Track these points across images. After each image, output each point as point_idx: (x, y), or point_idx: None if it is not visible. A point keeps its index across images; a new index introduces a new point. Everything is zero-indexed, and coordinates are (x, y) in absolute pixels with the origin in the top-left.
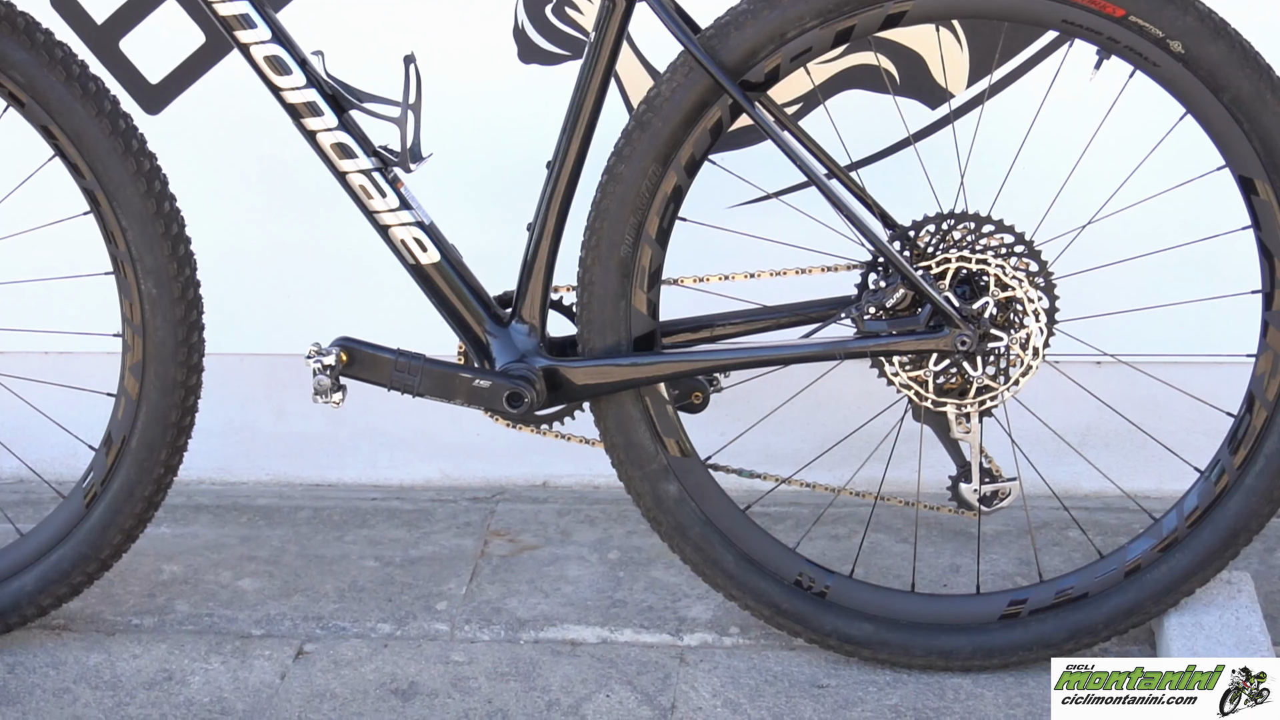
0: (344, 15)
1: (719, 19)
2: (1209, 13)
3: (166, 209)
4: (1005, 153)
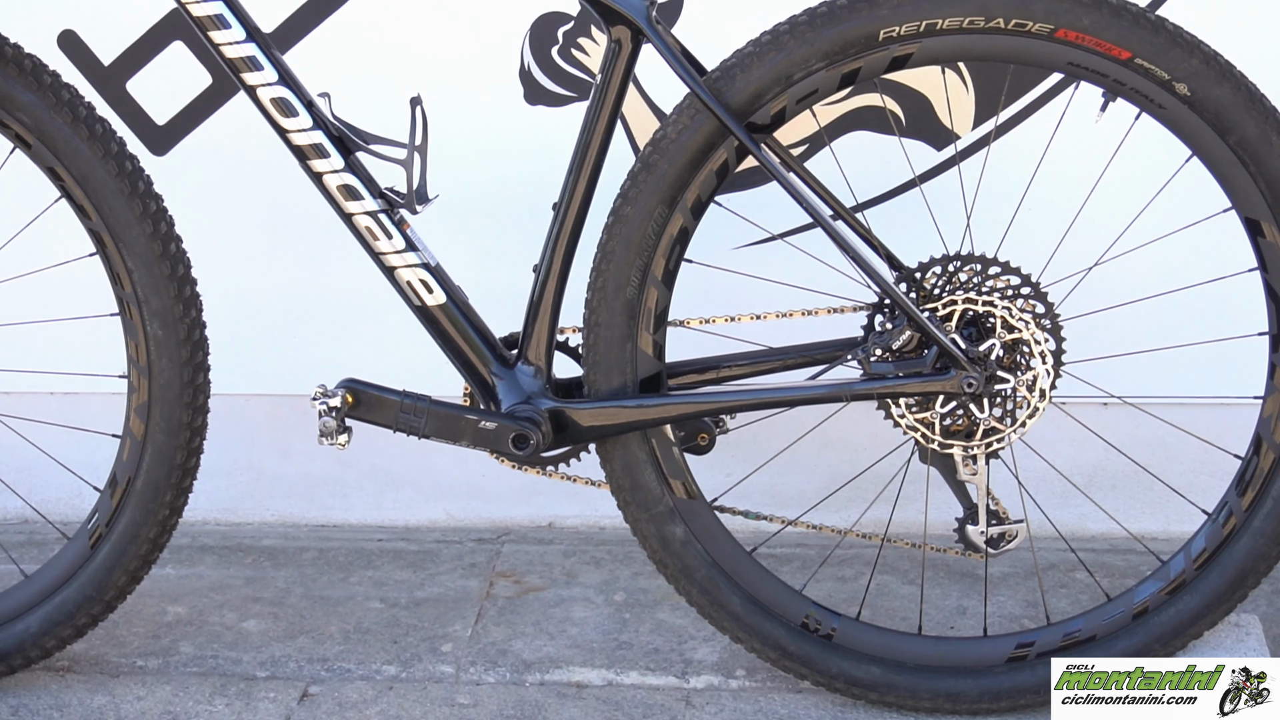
0: (350, 57)
1: (725, 61)
2: (1215, 55)
3: (173, 250)
4: (1011, 194)
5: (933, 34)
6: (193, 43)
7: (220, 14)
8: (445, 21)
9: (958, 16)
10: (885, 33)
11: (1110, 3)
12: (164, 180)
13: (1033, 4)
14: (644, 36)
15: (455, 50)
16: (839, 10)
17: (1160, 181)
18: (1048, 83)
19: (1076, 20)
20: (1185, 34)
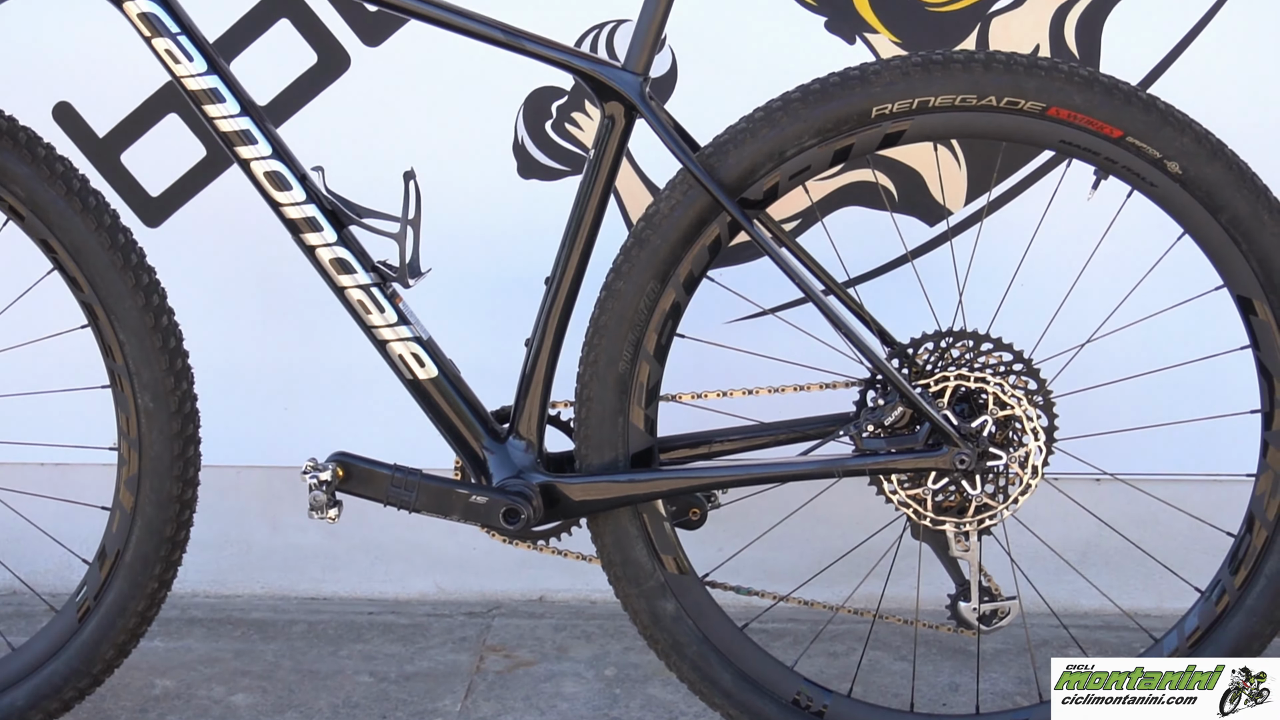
0: (345, 130)
1: (718, 137)
2: (1206, 134)
3: (164, 323)
4: (1004, 270)
5: (925, 111)
6: (187, 115)
7: (215, 88)
8: (439, 95)
9: (950, 94)
10: (878, 109)
11: (1102, 81)
12: (157, 252)
13: (1025, 82)
14: (637, 112)
15: (449, 124)
16: (831, 87)
17: (1152, 258)
18: (1040, 159)
19: (1069, 99)
20: (1176, 113)
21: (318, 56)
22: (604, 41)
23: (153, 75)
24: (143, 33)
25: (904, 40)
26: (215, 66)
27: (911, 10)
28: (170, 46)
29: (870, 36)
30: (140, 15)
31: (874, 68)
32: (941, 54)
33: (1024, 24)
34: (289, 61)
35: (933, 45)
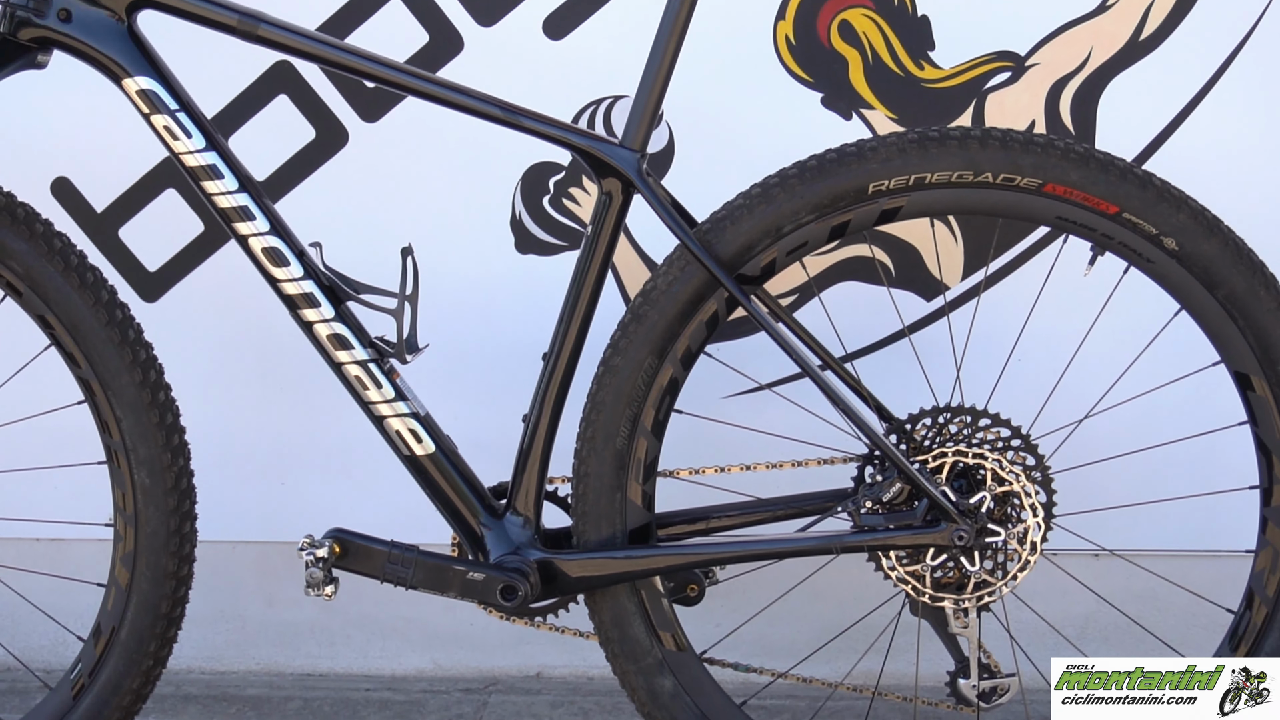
0: (342, 205)
1: (715, 213)
2: (1202, 210)
3: (161, 399)
4: (1001, 345)
5: (922, 188)
6: (186, 191)
7: (213, 164)
8: (437, 171)
9: (946, 170)
10: (875, 186)
11: (1098, 158)
12: (154, 327)
13: (1021, 159)
14: (635, 188)
15: (447, 199)
16: (828, 164)
17: (1150, 333)
18: (1036, 234)
19: (1064, 175)
20: (1172, 189)
21: (316, 132)
22: (601, 117)
23: (151, 151)
24: (141, 109)
25: (900, 116)
26: (214, 143)
27: (907, 86)
28: (169, 123)
29: (866, 112)
30: (139, 92)
31: (871, 144)
32: (938, 131)
33: (1019, 100)
34: (287, 137)
35: (929, 121)
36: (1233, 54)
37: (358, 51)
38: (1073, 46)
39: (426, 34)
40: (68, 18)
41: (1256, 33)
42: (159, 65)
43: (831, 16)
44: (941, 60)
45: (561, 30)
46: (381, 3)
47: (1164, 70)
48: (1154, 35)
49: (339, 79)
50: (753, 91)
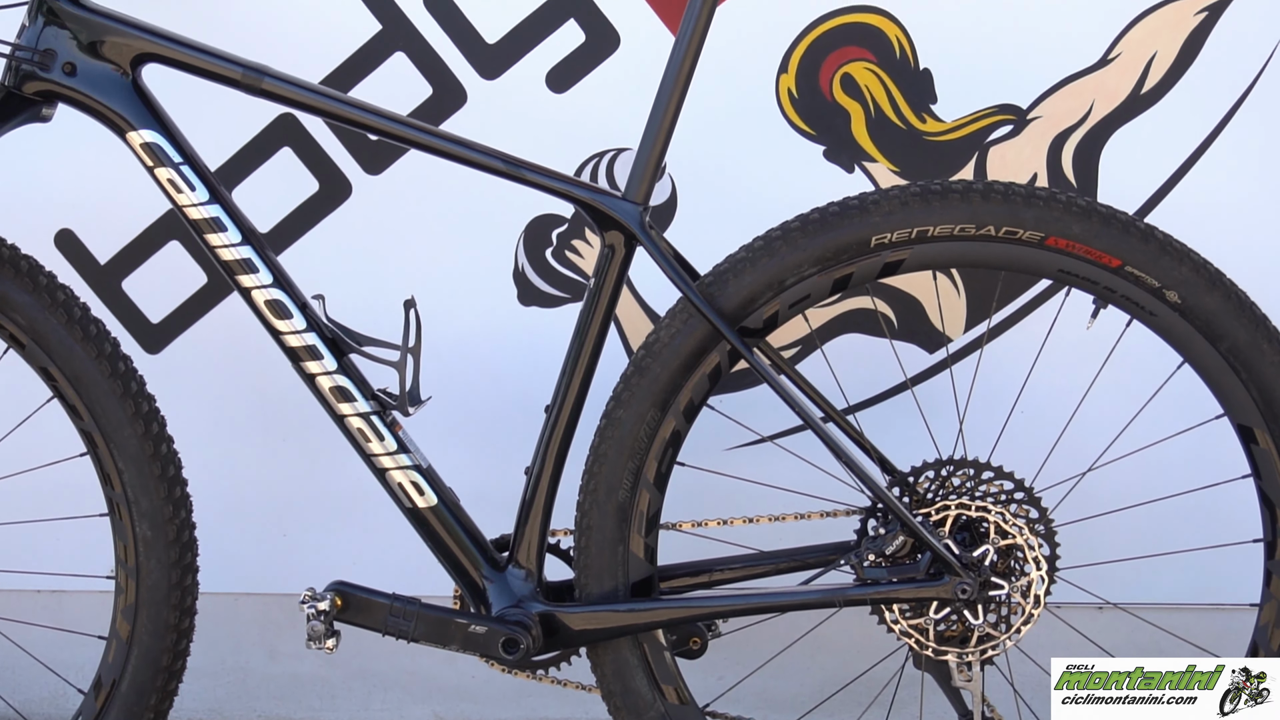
0: (346, 257)
1: (717, 266)
2: (1204, 263)
3: (164, 451)
4: (1004, 397)
5: (924, 241)
6: (189, 243)
7: (217, 217)
8: (440, 223)
9: (949, 224)
10: (877, 239)
11: (1100, 211)
12: (157, 378)
13: (1023, 212)
14: (638, 241)
15: (450, 251)
16: (830, 217)
17: (1153, 386)
18: (1039, 286)
19: (1067, 228)
20: (1174, 242)
21: (319, 184)
22: (604, 169)
23: (155, 203)
24: (145, 162)
25: (902, 169)
26: (217, 195)
27: (910, 139)
28: (173, 176)
29: (869, 165)
30: (143, 145)
31: (873, 197)
32: (940, 184)
33: (1021, 153)
34: (291, 189)
35: (931, 174)
36: (1234, 107)
37: (361, 105)
38: (1075, 100)
39: (430, 87)
40: (72, 71)
41: (1257, 87)
42: (163, 118)
43: (834, 70)
44: (943, 113)
45: (564, 84)
46: (385, 56)
47: (1166, 124)
48: (1155, 89)
49: (342, 132)
50: (755, 144)
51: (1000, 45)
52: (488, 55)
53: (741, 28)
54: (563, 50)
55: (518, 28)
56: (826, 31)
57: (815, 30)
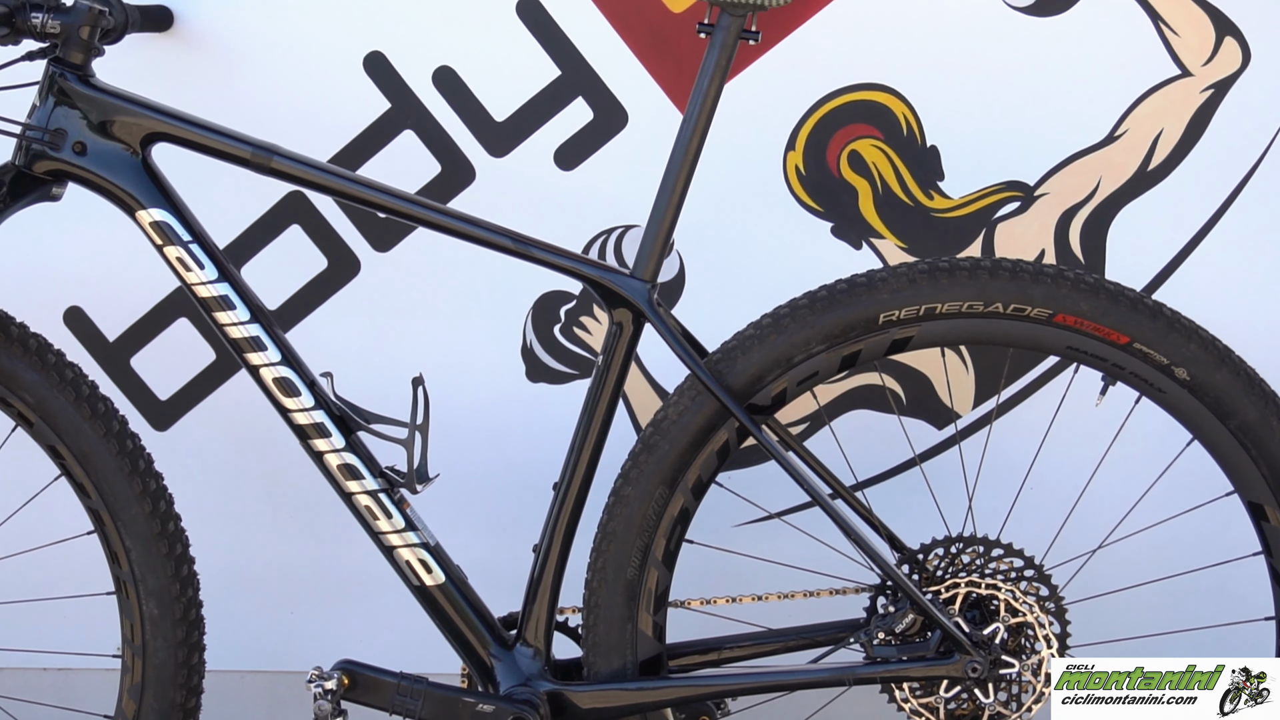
0: (354, 334)
1: (725, 343)
2: (1213, 340)
3: (171, 529)
4: (1013, 474)
5: (932, 318)
6: (197, 320)
7: (226, 295)
8: (448, 300)
9: (957, 301)
10: (885, 316)
11: (1108, 288)
12: (165, 455)
13: (1031, 289)
14: (646, 319)
15: (458, 328)
16: (839, 294)
17: (1163, 462)
18: (1048, 363)
19: (1075, 305)
20: (1183, 319)
21: (328, 261)
22: (612, 246)
23: (164, 280)
24: (155, 241)
25: (910, 245)
26: (226, 273)
27: (917, 215)
28: (182, 254)
29: (876, 242)
30: (152, 224)
31: (881, 275)
32: (948, 261)
33: (1029, 229)
34: (300, 266)
35: (939, 250)
36: (1241, 183)
37: (370, 183)
38: (1081, 176)
39: (439, 165)
40: (83, 151)
41: (1264, 163)
42: (172, 197)
43: (841, 147)
44: (951, 190)
45: (572, 161)
46: (394, 134)
47: (1173, 200)
48: (1162, 165)
49: (351, 209)
50: (763, 221)
51: (1007, 122)
52: (496, 133)
53: (749, 105)
54: (571, 128)
55: (526, 106)
56: (834, 109)
57: (823, 108)
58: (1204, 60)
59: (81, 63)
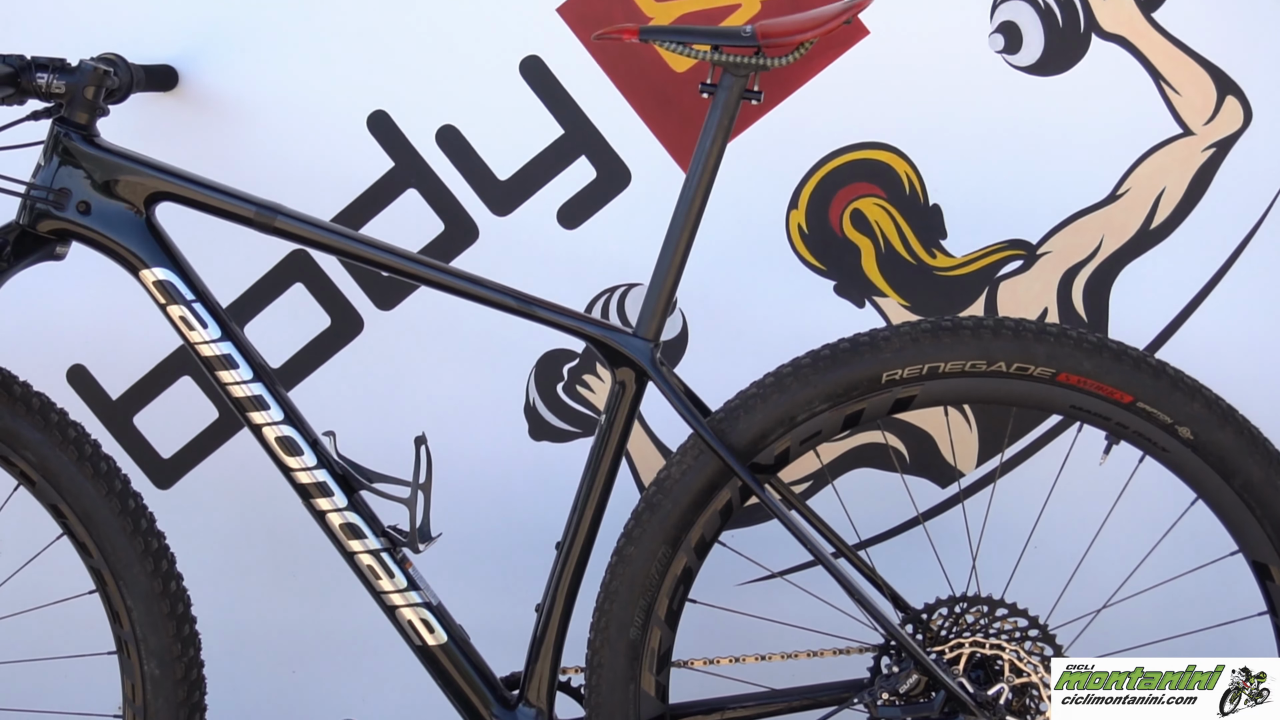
0: (357, 392)
1: (728, 402)
2: (1216, 399)
3: (173, 589)
4: (1017, 532)
5: (935, 377)
6: (200, 378)
7: (229, 354)
8: (451, 358)
9: (960, 360)
10: (888, 375)
11: (1111, 347)
12: (167, 514)
13: (1034, 348)
14: (649, 377)
15: (461, 386)
16: (841, 353)
17: (1167, 521)
18: (1051, 421)
19: (1078, 365)
20: (1186, 378)
21: (331, 320)
22: (615, 305)
23: (167, 339)
24: (158, 300)
25: (913, 304)
26: (229, 332)
27: (920, 274)
28: (185, 313)
29: (879, 300)
30: (156, 283)
31: (884, 334)
32: (950, 320)
33: (1031, 288)
34: (303, 324)
35: (941, 309)
36: (1244, 242)
37: (373, 242)
38: (1084, 235)
39: (442, 223)
40: (87, 210)
41: (1266, 221)
42: (176, 256)
43: (844, 205)
44: (953, 248)
45: (575, 220)
46: (398, 193)
47: (1175, 259)
48: (1164, 224)
49: (354, 268)
50: (766, 279)
51: (1009, 181)
52: (500, 192)
53: (751, 164)
54: (574, 186)
55: (529, 164)
56: (836, 168)
57: (825, 166)
58: (1206, 119)
59: (86, 122)
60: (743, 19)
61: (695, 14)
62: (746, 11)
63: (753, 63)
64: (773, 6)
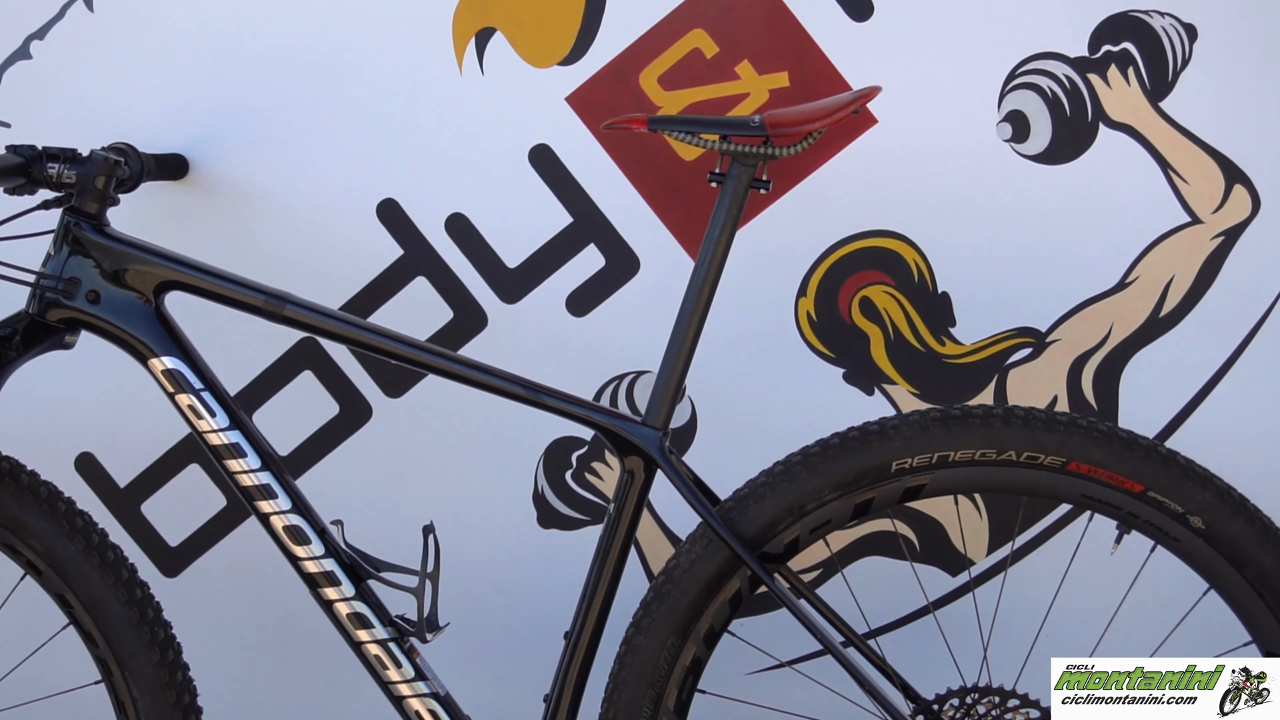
0: (365, 480)
1: (738, 491)
2: (1228, 489)
3: (179, 679)
4: (1029, 622)
5: (945, 466)
6: (208, 466)
7: (237, 443)
8: (460, 446)
9: (970, 449)
10: (898, 464)
11: (1121, 436)
12: (174, 601)
13: (1044, 437)
14: (658, 466)
15: (469, 474)
16: (851, 442)
17: (1179, 611)
18: (1062, 509)
19: (1089, 454)
20: (1197, 468)
21: (339, 407)
22: (624, 392)
23: (175, 427)
24: (166, 388)
25: (922, 391)
26: (237, 421)
27: (929, 362)
28: (193, 402)
29: (889, 388)
30: (164, 372)
31: (893, 423)
32: (960, 409)
33: (1041, 376)
34: (311, 412)
35: (951, 396)
36: (1254, 329)
37: (381, 331)
38: (1093, 323)
39: (451, 311)
40: (96, 299)
41: (1276, 309)
42: (184, 345)
43: (852, 293)
44: (962, 336)
45: (584, 307)
46: (407, 281)
47: (1185, 346)
48: (1174, 312)
49: (363, 356)
50: (775, 367)
51: (1018, 268)
52: (508, 279)
53: (760, 252)
54: (583, 274)
55: (538, 252)
56: (845, 255)
57: (834, 254)
58: (1214, 208)
59: (96, 212)
60: (751, 108)
61: (703, 103)
62: (755, 101)
63: (761, 152)
64: (781, 96)
